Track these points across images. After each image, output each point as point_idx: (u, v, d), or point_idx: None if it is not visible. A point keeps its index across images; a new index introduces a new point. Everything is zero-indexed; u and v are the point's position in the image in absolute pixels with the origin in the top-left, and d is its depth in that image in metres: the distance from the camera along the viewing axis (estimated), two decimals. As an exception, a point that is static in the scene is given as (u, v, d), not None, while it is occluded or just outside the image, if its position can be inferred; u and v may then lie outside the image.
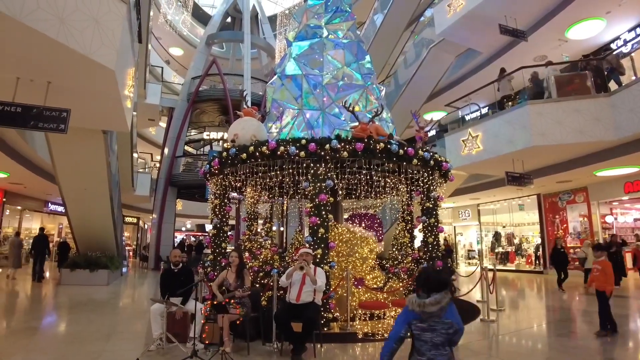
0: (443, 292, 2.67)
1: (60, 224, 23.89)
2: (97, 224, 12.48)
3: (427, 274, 2.80)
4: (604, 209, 15.13)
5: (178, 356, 4.74)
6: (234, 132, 7.51)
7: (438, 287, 2.69)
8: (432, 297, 2.63)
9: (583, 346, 5.65)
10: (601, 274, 6.15)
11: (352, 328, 6.27)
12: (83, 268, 12.20)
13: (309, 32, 9.28)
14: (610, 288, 6.12)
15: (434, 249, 7.86)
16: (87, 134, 8.91)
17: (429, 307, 2.62)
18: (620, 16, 11.50)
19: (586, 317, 7.74)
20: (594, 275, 6.31)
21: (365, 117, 7.67)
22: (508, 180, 10.95)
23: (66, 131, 5.94)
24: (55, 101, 6.08)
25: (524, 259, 18.16)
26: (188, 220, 35.82)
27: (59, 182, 10.70)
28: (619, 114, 9.48)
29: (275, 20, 27.12)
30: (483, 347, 5.73)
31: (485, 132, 11.59)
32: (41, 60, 5.57)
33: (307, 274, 5.10)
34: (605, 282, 6.08)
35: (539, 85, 11.21)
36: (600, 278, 6.15)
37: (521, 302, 10.12)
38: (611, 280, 6.16)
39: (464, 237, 22.80)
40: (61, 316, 7.86)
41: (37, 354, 4.99)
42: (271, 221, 10.19)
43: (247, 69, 21.90)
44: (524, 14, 11.63)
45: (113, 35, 5.70)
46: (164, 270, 5.97)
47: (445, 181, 8.41)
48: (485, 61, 14.56)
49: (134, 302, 10.40)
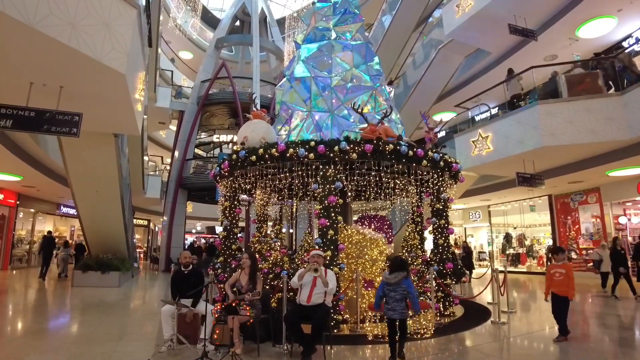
0: (400, 271, 4.81)
1: (73, 227, 24.21)
2: (108, 226, 12.63)
3: (392, 261, 5.09)
4: (617, 210, 14.90)
5: (189, 357, 4.77)
6: (244, 134, 7.56)
7: (397, 268, 4.85)
8: (393, 274, 4.83)
9: (595, 349, 5.57)
10: None
11: (362, 330, 6.27)
12: (95, 270, 12.34)
13: (317, 34, 9.32)
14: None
15: (445, 251, 7.83)
16: (99, 137, 9.04)
17: (392, 279, 4.80)
18: (632, 14, 11.35)
19: (599, 319, 7.63)
20: None
21: (375, 119, 7.67)
22: (519, 181, 10.85)
23: (78, 135, 6.04)
24: (67, 105, 6.19)
25: (535, 260, 17.95)
26: (198, 223, 36.06)
27: (71, 185, 10.85)
28: (632, 113, 9.35)
29: (283, 23, 27.23)
30: (494, 349, 5.67)
31: (496, 132, 11.50)
32: (53, 66, 5.67)
33: (319, 277, 5.09)
34: None
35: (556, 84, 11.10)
36: None
37: (533, 304, 10.01)
38: None
39: (475, 238, 22.61)
40: (73, 317, 7.95)
41: (50, 354, 5.05)
42: (281, 223, 10.21)
43: (256, 72, 22.01)
44: (534, 13, 11.55)
45: (123, 40, 5.78)
46: (174, 272, 6.01)
47: (455, 182, 8.36)
48: (494, 61, 14.47)
49: (145, 303, 10.49)
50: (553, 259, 6.39)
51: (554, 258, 6.33)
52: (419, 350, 5.49)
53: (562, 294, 5.88)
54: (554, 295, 5.99)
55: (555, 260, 6.23)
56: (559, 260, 6.13)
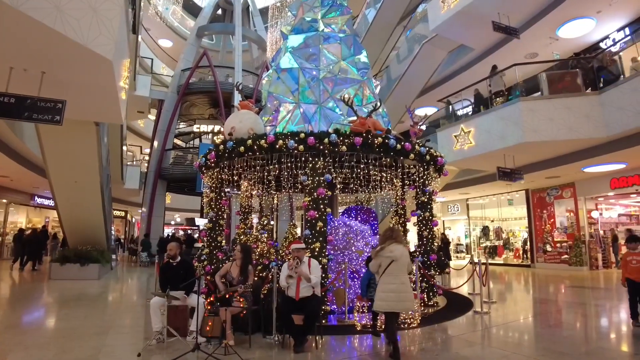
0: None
1: (47, 218, 23.51)
2: (88, 217, 12.32)
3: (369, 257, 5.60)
4: (589, 205, 15.45)
5: (180, 350, 4.74)
6: (231, 125, 7.46)
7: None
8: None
9: (572, 336, 5.82)
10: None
11: (350, 320, 6.35)
12: (73, 262, 12.04)
13: (304, 25, 9.26)
14: None
15: (429, 242, 7.99)
16: (79, 125, 8.77)
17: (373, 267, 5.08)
18: (610, 16, 11.71)
19: (573, 309, 7.94)
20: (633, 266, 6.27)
21: (363, 112, 7.70)
22: (499, 176, 11.13)
23: (61, 123, 5.85)
24: (49, 92, 5.97)
25: (512, 252, 18.47)
26: (177, 214, 35.57)
27: (49, 174, 10.52)
28: (609, 112, 9.68)
29: (266, 12, 26.92)
30: (477, 337, 5.85)
31: (478, 127, 11.72)
32: (37, 50, 5.46)
33: (300, 274, 5.11)
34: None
35: (480, 100, 12.12)
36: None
37: (511, 295, 10.32)
38: None
39: (452, 231, 23.07)
40: (56, 311, 7.77)
41: (36, 349, 4.92)
42: (267, 215, 10.18)
43: (238, 62, 21.73)
44: (517, 11, 11.76)
45: (111, 25, 5.60)
46: (163, 263, 5.94)
47: (439, 176, 8.51)
48: (477, 57, 14.68)
49: (128, 296, 10.33)
50: (628, 247, 6.62)
51: (629, 246, 6.56)
52: (406, 339, 5.60)
53: (639, 280, 6.14)
54: (630, 281, 6.24)
55: (631, 248, 6.47)
56: (635, 249, 6.38)
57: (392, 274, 4.83)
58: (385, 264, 4.86)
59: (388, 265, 4.85)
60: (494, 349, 5.26)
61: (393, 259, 4.84)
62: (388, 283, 4.82)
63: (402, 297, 4.77)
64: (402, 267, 4.88)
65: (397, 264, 4.84)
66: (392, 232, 5.13)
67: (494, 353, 5.00)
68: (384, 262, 4.88)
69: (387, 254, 4.88)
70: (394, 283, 4.79)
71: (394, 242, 4.95)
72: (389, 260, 4.85)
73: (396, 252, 4.87)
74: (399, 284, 4.80)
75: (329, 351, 5.08)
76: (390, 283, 4.81)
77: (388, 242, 4.96)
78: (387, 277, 4.85)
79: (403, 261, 4.89)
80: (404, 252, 4.95)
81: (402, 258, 4.88)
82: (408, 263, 5.01)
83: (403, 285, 4.81)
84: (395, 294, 4.76)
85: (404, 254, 4.93)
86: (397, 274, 4.83)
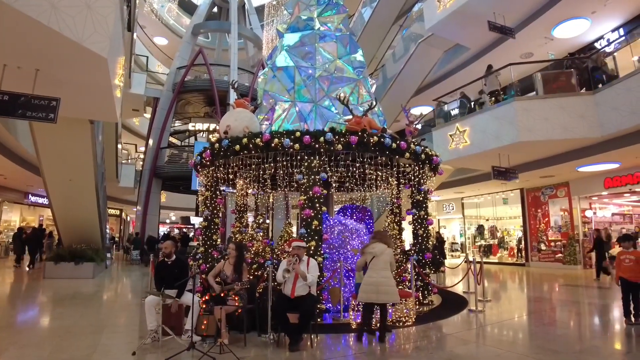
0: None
1: (41, 216, 23.37)
2: (82, 215, 12.26)
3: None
4: (583, 204, 15.55)
5: (175, 349, 4.73)
6: (227, 123, 7.44)
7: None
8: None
9: (566, 334, 5.86)
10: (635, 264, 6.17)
11: (345, 318, 6.36)
12: (68, 261, 11.97)
13: (300, 23, 9.23)
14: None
15: (424, 241, 8.02)
16: (74, 123, 8.73)
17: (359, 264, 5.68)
18: (605, 16, 11.76)
19: (567, 307, 8.00)
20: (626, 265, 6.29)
21: (359, 111, 7.71)
22: (494, 175, 11.17)
23: (56, 121, 5.83)
24: (42, 90, 5.94)
25: (507, 251, 18.57)
26: (172, 212, 35.46)
27: (43, 173, 10.46)
28: (603, 112, 9.74)
29: (262, 11, 26.87)
30: (472, 336, 5.88)
31: (473, 127, 11.77)
32: (31, 47, 5.43)
33: (297, 272, 5.12)
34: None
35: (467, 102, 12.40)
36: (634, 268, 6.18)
37: (505, 293, 10.38)
38: None
39: (447, 230, 23.15)
40: (50, 310, 7.73)
41: (32, 349, 4.89)
42: (262, 214, 10.18)
43: (233, 60, 21.67)
44: (512, 11, 11.80)
45: (106, 22, 5.57)
46: (158, 262, 5.92)
47: (434, 174, 8.53)
48: (472, 57, 14.72)
49: (123, 295, 10.30)
50: (621, 246, 6.61)
51: (622, 245, 6.56)
52: (401, 337, 5.63)
53: (632, 279, 6.16)
54: (623, 280, 6.27)
55: (624, 247, 6.47)
56: (628, 248, 6.39)
57: (372, 268, 5.43)
58: (369, 260, 5.48)
59: (370, 260, 5.46)
60: (489, 347, 5.29)
61: (374, 255, 5.46)
62: (369, 277, 5.43)
63: (380, 290, 5.29)
64: (382, 262, 5.43)
65: (378, 259, 5.43)
66: (378, 234, 5.95)
67: (488, 351, 5.03)
68: (367, 258, 5.51)
69: (369, 250, 5.56)
70: (373, 277, 5.37)
71: (377, 241, 5.61)
72: (370, 257, 5.48)
73: (377, 249, 5.50)
74: (379, 277, 5.35)
75: (324, 350, 5.09)
76: (370, 277, 5.41)
77: (372, 241, 5.68)
78: (369, 271, 5.47)
79: (383, 258, 5.45)
80: (384, 250, 5.51)
81: (382, 255, 5.45)
82: (389, 260, 5.50)
83: (383, 278, 5.35)
84: (374, 287, 5.31)
85: (384, 252, 5.49)
86: (377, 268, 5.40)
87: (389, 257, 5.51)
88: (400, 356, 4.79)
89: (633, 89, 9.05)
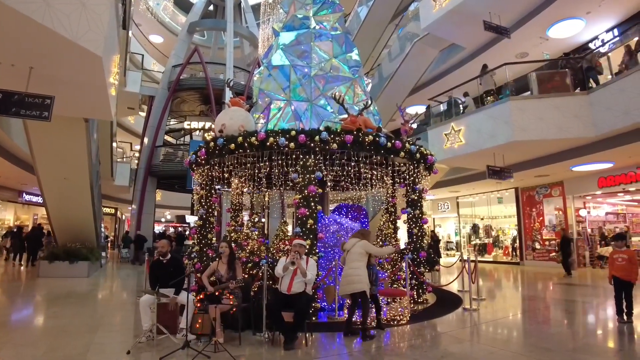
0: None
1: (36, 215, 23.23)
2: (77, 214, 12.20)
3: None
4: (577, 203, 15.65)
5: (169, 347, 4.73)
6: (222, 122, 7.42)
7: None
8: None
9: (559, 333, 5.90)
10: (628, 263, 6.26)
11: (340, 317, 6.38)
12: (62, 260, 11.92)
13: (296, 22, 9.23)
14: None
15: (419, 240, 8.05)
16: (69, 121, 8.69)
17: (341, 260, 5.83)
18: (600, 17, 11.82)
19: (561, 305, 8.05)
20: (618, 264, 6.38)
21: (354, 110, 7.72)
22: (489, 174, 11.22)
23: (50, 119, 5.80)
24: (37, 88, 5.90)
25: (501, 250, 18.65)
26: (167, 211, 35.36)
27: (38, 171, 10.41)
28: (597, 112, 9.81)
29: (258, 9, 26.76)
30: (466, 334, 5.91)
31: (468, 126, 11.81)
32: (25, 45, 5.39)
33: (298, 268, 5.14)
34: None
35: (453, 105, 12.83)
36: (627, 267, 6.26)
37: (500, 292, 10.43)
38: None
39: (443, 228, 23.24)
40: (45, 309, 7.70)
41: (26, 347, 4.87)
42: (257, 212, 10.17)
43: (229, 58, 21.60)
44: (508, 11, 11.83)
45: (100, 20, 5.55)
46: (153, 261, 5.91)
47: (429, 174, 8.56)
48: (468, 56, 14.76)
49: (117, 294, 10.26)
50: (614, 245, 6.71)
51: (615, 244, 6.65)
52: (395, 335, 5.65)
53: (625, 278, 6.23)
54: (616, 279, 6.34)
55: (617, 246, 6.56)
56: (620, 247, 6.47)
57: (346, 262, 5.72)
58: (344, 256, 5.81)
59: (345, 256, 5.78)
60: (482, 345, 5.32)
61: (346, 250, 5.80)
62: (344, 271, 5.72)
63: (349, 280, 5.54)
64: (353, 255, 5.66)
65: (350, 253, 5.70)
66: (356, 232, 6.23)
67: (482, 350, 5.06)
68: (344, 255, 5.85)
69: (343, 247, 5.94)
70: (346, 270, 5.66)
71: (352, 237, 5.94)
72: (345, 253, 5.81)
73: (348, 244, 5.85)
74: (349, 269, 5.61)
75: (319, 348, 5.11)
76: (344, 271, 5.70)
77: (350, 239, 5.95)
78: (344, 266, 5.77)
79: (354, 250, 5.68)
80: (355, 243, 5.76)
81: (352, 248, 5.71)
82: (361, 251, 5.68)
83: (352, 269, 5.57)
84: (345, 279, 5.61)
85: (355, 245, 5.73)
86: (349, 261, 5.66)
87: (360, 248, 5.69)
88: (395, 354, 4.81)
89: (626, 89, 9.11)
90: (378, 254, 5.89)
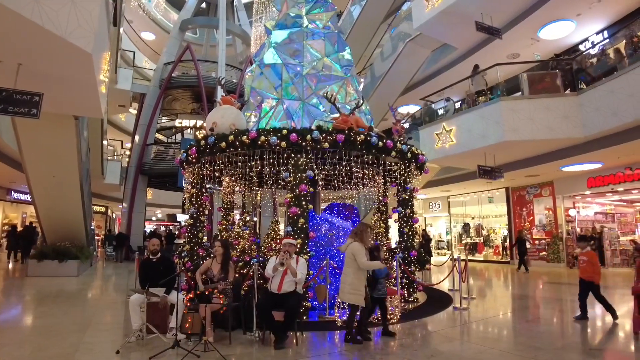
0: None
1: (24, 213, 22.94)
2: (67, 212, 12.06)
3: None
4: (567, 203, 15.82)
5: (159, 347, 4.70)
6: (213, 120, 7.39)
7: None
8: None
9: (548, 331, 5.97)
10: (588, 264, 6.40)
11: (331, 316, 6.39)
12: (51, 259, 11.79)
13: (288, 20, 9.20)
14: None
15: (409, 239, 8.08)
16: (58, 119, 8.58)
17: None
18: (590, 18, 11.95)
19: (550, 304, 8.14)
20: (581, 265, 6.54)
21: (346, 109, 7.72)
22: (480, 174, 11.30)
23: (38, 116, 5.74)
24: (25, 84, 5.83)
25: (492, 249, 18.79)
26: (158, 210, 35.12)
27: (26, 169, 10.28)
28: (586, 113, 9.91)
29: (251, 7, 26.66)
30: (456, 333, 5.95)
31: (460, 126, 11.87)
32: (13, 41, 5.31)
33: (288, 268, 5.13)
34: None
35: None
36: (587, 269, 6.40)
37: (490, 291, 10.51)
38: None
39: (434, 228, 23.36)
40: (33, 308, 7.61)
41: (13, 347, 4.81)
42: (249, 211, 10.15)
43: (221, 56, 21.51)
44: (500, 12, 11.90)
45: (90, 17, 5.48)
46: (143, 260, 5.87)
47: (420, 173, 8.60)
48: (460, 57, 14.83)
49: (107, 293, 10.18)
50: (577, 246, 6.83)
51: (578, 246, 6.82)
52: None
53: (587, 279, 6.36)
54: (580, 279, 6.47)
55: (580, 247, 6.69)
56: (583, 248, 6.58)
57: None
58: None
59: None
60: (472, 344, 5.36)
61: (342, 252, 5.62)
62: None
63: (341, 288, 5.34)
64: (345, 258, 5.36)
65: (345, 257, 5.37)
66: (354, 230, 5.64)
67: (472, 348, 5.10)
68: None
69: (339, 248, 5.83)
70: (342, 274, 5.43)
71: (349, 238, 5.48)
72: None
73: (342, 246, 5.58)
74: (342, 274, 5.38)
75: (310, 347, 5.11)
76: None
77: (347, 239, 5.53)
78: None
79: (346, 253, 5.34)
80: (348, 245, 5.33)
81: (345, 252, 5.36)
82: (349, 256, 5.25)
83: (343, 275, 5.34)
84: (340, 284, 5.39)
85: (347, 247, 5.32)
86: (344, 266, 5.39)
87: (350, 252, 5.23)
88: (385, 353, 4.82)
89: (615, 90, 9.22)
90: (363, 267, 5.20)
